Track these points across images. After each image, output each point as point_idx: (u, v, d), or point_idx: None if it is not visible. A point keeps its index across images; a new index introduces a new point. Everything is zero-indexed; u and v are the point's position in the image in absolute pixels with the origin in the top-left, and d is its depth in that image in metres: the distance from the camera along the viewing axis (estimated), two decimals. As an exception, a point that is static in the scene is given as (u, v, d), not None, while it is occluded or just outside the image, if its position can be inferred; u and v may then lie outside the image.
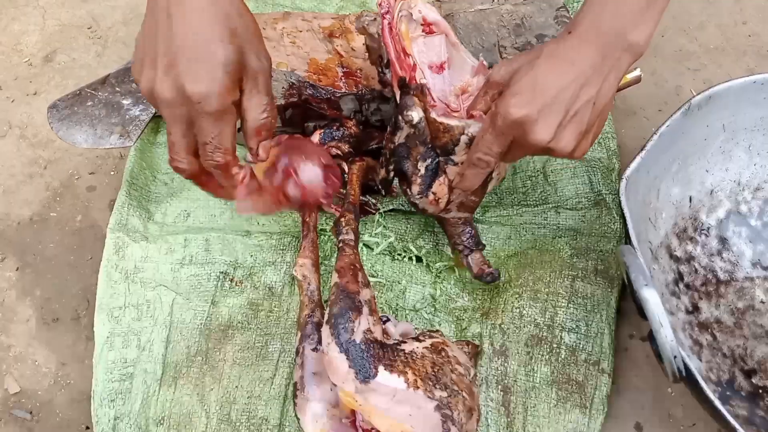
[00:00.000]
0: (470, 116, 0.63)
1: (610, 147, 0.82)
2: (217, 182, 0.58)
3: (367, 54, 0.79)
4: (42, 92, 0.91)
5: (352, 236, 0.68)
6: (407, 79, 0.65)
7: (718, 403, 0.53)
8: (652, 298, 0.52)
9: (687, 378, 0.55)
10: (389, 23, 0.67)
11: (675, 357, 0.52)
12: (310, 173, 0.68)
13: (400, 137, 0.66)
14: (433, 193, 0.66)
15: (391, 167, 0.68)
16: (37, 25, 0.97)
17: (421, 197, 0.67)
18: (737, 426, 0.53)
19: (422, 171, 0.65)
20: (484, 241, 0.77)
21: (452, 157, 0.64)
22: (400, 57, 0.67)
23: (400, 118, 0.64)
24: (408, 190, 0.67)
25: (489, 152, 0.59)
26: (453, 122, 0.62)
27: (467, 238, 0.71)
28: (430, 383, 0.56)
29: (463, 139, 0.62)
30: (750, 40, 0.96)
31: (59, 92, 0.89)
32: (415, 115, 0.63)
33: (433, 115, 0.63)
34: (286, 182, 0.66)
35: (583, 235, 0.75)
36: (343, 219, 0.69)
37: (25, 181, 0.83)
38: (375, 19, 0.72)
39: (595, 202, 0.77)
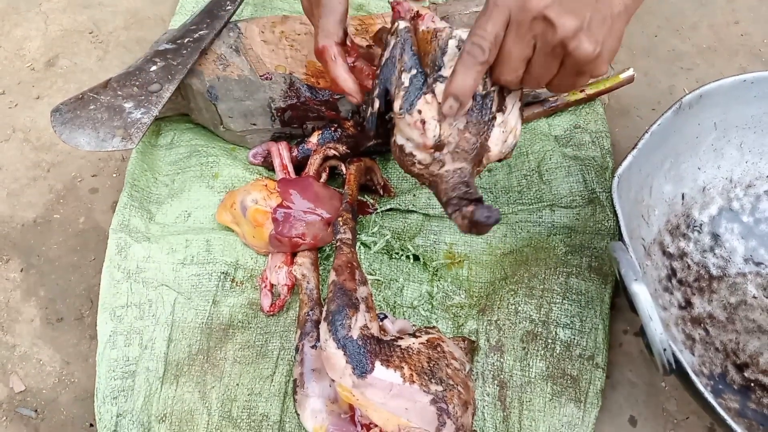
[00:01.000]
0: None
1: (603, 146, 0.83)
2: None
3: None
4: (45, 96, 0.92)
5: (349, 235, 0.69)
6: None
7: (707, 395, 0.54)
8: (641, 292, 0.53)
9: (678, 371, 0.56)
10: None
11: (665, 350, 0.53)
12: (316, 228, 0.74)
13: (386, 54, 0.62)
14: (418, 111, 0.58)
15: (376, 93, 0.62)
16: (39, 31, 0.98)
17: (402, 114, 0.59)
18: (726, 417, 0.54)
19: (406, 83, 0.59)
20: (481, 239, 0.78)
21: (441, 72, 0.58)
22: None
23: (387, 36, 0.62)
24: (392, 110, 0.61)
25: (483, 33, 0.53)
26: (441, 24, 0.59)
27: (462, 192, 0.58)
28: (426, 378, 0.57)
29: (452, 44, 0.58)
30: (742, 40, 0.97)
31: (62, 96, 0.91)
32: (402, 23, 0.61)
33: (422, 27, 0.60)
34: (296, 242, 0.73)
35: (578, 232, 0.77)
36: (340, 218, 0.71)
37: (28, 183, 0.84)
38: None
39: (589, 200, 0.78)
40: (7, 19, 1.00)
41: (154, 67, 0.75)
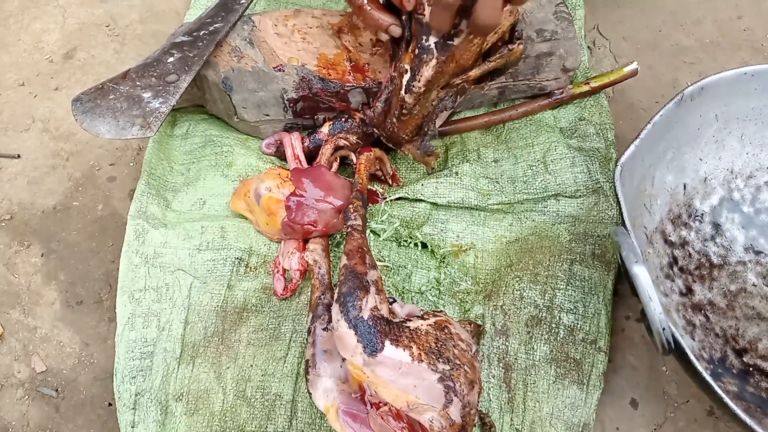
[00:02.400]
0: None
1: (608, 138, 0.85)
2: None
3: (373, 48, 0.83)
4: (63, 88, 0.94)
5: (359, 222, 0.72)
6: None
7: (706, 375, 0.56)
8: (641, 273, 0.55)
9: (677, 351, 0.58)
10: None
11: (663, 329, 0.55)
12: (328, 216, 0.76)
13: None
14: None
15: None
16: (57, 24, 1.01)
17: None
18: (724, 396, 0.56)
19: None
20: (488, 228, 0.80)
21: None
22: None
23: None
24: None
25: None
26: None
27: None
28: (434, 357, 0.60)
29: None
30: (745, 35, 0.99)
31: (80, 87, 0.93)
32: None
33: None
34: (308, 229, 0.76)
35: (582, 221, 0.79)
36: (351, 206, 0.73)
37: (48, 172, 0.87)
38: None
39: (593, 190, 0.80)
40: (26, 12, 1.02)
41: (171, 59, 0.77)
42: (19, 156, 0.88)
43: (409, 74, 0.71)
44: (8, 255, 0.81)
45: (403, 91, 0.72)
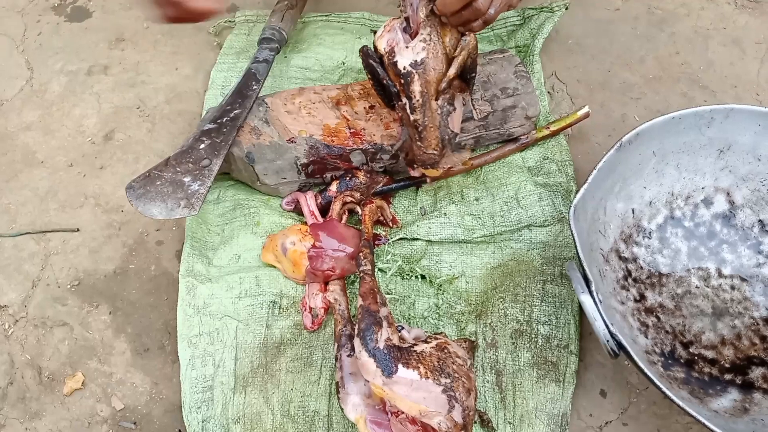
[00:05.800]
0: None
1: (568, 172, 1.01)
2: None
3: (367, 116, 1.00)
4: (107, 166, 1.11)
5: (369, 267, 0.88)
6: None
7: (643, 365, 0.72)
8: (587, 301, 0.72)
9: (624, 353, 0.74)
10: None
11: (608, 341, 0.72)
12: (344, 263, 0.92)
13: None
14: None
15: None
16: (94, 109, 1.17)
17: None
18: (663, 386, 0.72)
19: None
20: (475, 257, 0.97)
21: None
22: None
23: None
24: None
25: None
26: None
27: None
28: (437, 373, 0.76)
29: None
30: (682, 68, 1.15)
31: (122, 165, 1.09)
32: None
33: None
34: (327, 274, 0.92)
35: (551, 246, 0.95)
36: (361, 254, 0.89)
37: (105, 241, 1.03)
38: None
39: (558, 219, 0.97)
40: (66, 100, 1.19)
41: (202, 146, 0.93)
42: (78, 230, 1.04)
43: (406, 100, 0.87)
44: (81, 315, 0.97)
45: (410, 115, 0.87)
